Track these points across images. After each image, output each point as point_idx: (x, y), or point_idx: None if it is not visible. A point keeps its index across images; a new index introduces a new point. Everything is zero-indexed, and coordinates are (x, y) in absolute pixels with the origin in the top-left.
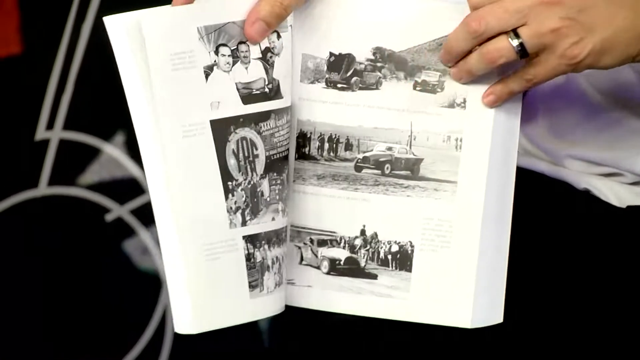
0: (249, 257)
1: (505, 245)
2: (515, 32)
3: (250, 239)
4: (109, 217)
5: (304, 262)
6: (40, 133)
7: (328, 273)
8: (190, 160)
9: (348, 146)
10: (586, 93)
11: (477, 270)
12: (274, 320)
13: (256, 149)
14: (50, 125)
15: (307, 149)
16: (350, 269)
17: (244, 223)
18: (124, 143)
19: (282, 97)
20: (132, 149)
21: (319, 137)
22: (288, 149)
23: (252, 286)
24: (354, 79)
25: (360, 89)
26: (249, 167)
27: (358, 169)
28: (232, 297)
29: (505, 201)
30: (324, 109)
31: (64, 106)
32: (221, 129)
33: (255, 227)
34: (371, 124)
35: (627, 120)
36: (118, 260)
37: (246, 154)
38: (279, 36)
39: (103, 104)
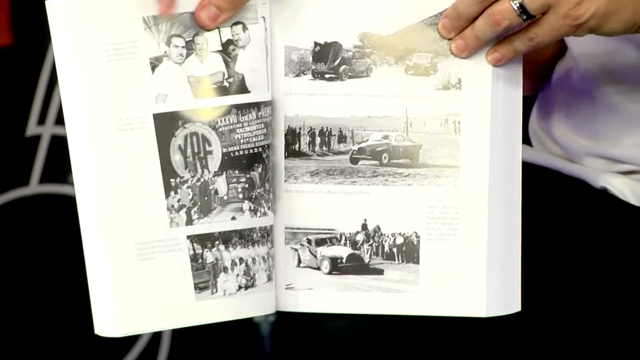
0: (195, 258)
1: (517, 229)
2: None
3: (198, 239)
4: None
5: (302, 265)
6: (31, 129)
7: (330, 273)
8: (124, 155)
9: (341, 138)
10: (606, 89)
11: (487, 256)
12: (275, 324)
13: (209, 145)
14: (41, 121)
15: (297, 146)
16: (354, 266)
17: (189, 222)
18: None
19: (247, 92)
20: None
21: (309, 131)
22: (261, 147)
23: (199, 288)
24: (343, 67)
25: (350, 77)
26: (198, 163)
27: (354, 161)
28: (171, 299)
29: (513, 183)
30: (313, 102)
31: (55, 100)
32: (166, 123)
33: (205, 226)
34: (364, 113)
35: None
36: None
37: (196, 150)
38: (245, 28)
39: None
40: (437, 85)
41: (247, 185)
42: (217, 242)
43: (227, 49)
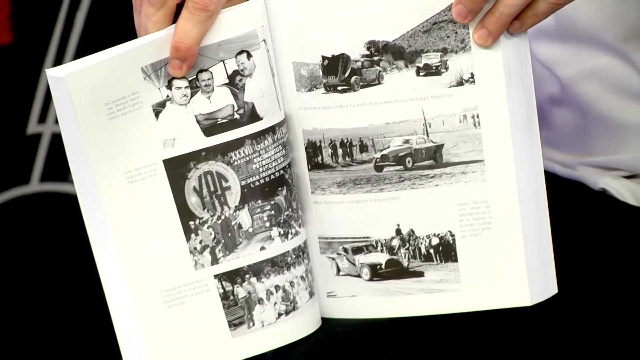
0: (225, 296)
1: (545, 212)
2: None
3: (227, 276)
4: None
5: (341, 273)
6: (32, 127)
7: (371, 280)
8: (138, 206)
9: (363, 148)
10: (590, 102)
11: (524, 245)
12: None
13: (226, 181)
14: (42, 119)
15: (319, 158)
16: (394, 271)
17: (214, 261)
18: None
19: (259, 119)
20: None
21: (330, 144)
22: (283, 169)
23: (233, 325)
24: (354, 78)
25: (362, 87)
26: (217, 201)
27: (378, 168)
28: (205, 341)
29: (535, 168)
30: (329, 115)
31: None
32: (177, 167)
33: (232, 262)
34: (382, 120)
35: (637, 121)
36: None
37: (212, 189)
38: (249, 56)
39: None
40: (451, 83)
41: (273, 212)
42: (247, 276)
43: (234, 81)
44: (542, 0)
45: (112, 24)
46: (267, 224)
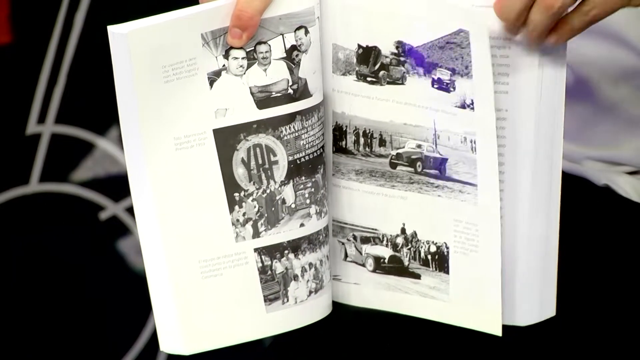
0: (264, 270)
1: (550, 243)
2: None
3: (266, 251)
4: (103, 215)
5: (348, 259)
6: (31, 127)
7: (374, 271)
8: (184, 174)
9: (382, 142)
10: (597, 92)
11: (505, 274)
12: None
13: (274, 155)
14: (41, 119)
15: (344, 143)
16: (395, 267)
17: (256, 235)
18: (118, 138)
19: (310, 96)
20: None
21: (354, 131)
22: (322, 147)
23: (269, 300)
24: (382, 72)
25: (388, 83)
26: (263, 175)
27: (393, 165)
28: (240, 314)
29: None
30: (357, 102)
31: (56, 99)
32: (227, 137)
33: (274, 237)
34: (401, 119)
35: None
36: (112, 260)
37: (260, 162)
38: (306, 32)
39: (97, 96)
40: (456, 103)
41: (313, 190)
42: (286, 252)
43: (290, 55)
44: (577, 15)
45: (112, 24)
46: (307, 201)
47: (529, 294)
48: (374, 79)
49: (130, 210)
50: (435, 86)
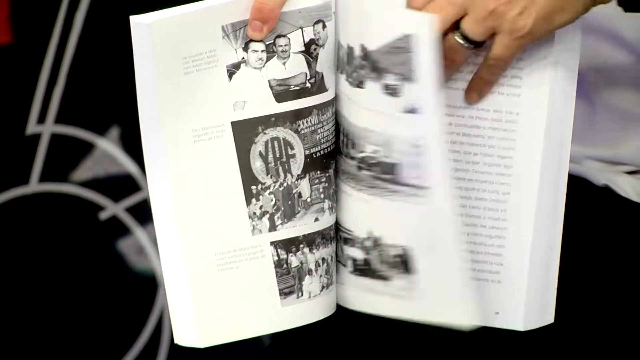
0: (279, 263)
1: (553, 250)
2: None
3: (282, 244)
4: (103, 215)
5: (338, 258)
6: (31, 127)
7: (352, 272)
8: (201, 166)
9: (353, 144)
10: (596, 92)
11: (503, 279)
12: None
13: (292, 149)
14: (41, 119)
15: (338, 142)
16: (367, 269)
17: (272, 228)
18: (118, 138)
19: (326, 90)
20: (127, 144)
21: (342, 130)
22: (334, 143)
23: (284, 293)
24: (354, 74)
25: (357, 86)
26: (281, 168)
27: (358, 168)
28: (255, 307)
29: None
30: (345, 102)
31: (55, 99)
32: (245, 130)
33: (290, 231)
34: (361, 124)
35: None
36: (112, 260)
37: (277, 155)
38: (324, 26)
39: (97, 96)
40: (405, 107)
41: (327, 184)
42: (301, 246)
43: (309, 49)
44: (484, 68)
45: (112, 24)
46: (322, 196)
47: (530, 299)
48: (351, 80)
49: (130, 210)
50: (385, 91)
